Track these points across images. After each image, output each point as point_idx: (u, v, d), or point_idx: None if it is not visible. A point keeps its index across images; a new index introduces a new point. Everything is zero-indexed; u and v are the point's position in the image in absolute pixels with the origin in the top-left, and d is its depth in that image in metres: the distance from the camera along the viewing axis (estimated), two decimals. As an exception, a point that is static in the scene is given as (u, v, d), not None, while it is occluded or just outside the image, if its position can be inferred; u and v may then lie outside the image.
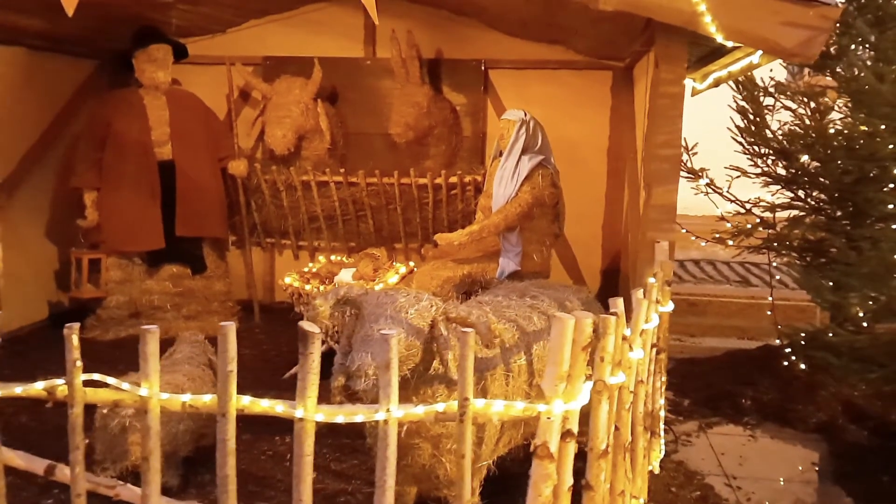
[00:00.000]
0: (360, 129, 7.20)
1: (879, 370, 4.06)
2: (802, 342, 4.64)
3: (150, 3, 6.09)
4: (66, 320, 6.61)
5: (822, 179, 5.01)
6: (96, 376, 2.38)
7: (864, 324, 4.13)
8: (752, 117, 5.55)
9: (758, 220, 5.72)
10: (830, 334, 4.41)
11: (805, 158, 4.96)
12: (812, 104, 5.31)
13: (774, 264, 5.77)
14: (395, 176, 6.72)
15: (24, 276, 6.50)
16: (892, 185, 4.18)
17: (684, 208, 7.42)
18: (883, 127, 4.08)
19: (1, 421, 4.59)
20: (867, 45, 5.24)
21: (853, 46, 5.34)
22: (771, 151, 5.45)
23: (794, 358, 4.89)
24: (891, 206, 4.14)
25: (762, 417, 5.25)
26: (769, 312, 5.59)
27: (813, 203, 5.28)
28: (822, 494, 4.24)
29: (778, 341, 5.26)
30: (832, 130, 4.72)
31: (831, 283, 4.31)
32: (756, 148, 5.64)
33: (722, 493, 4.13)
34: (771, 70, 5.92)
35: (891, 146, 4.07)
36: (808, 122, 5.14)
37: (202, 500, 3.83)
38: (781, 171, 5.40)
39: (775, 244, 5.49)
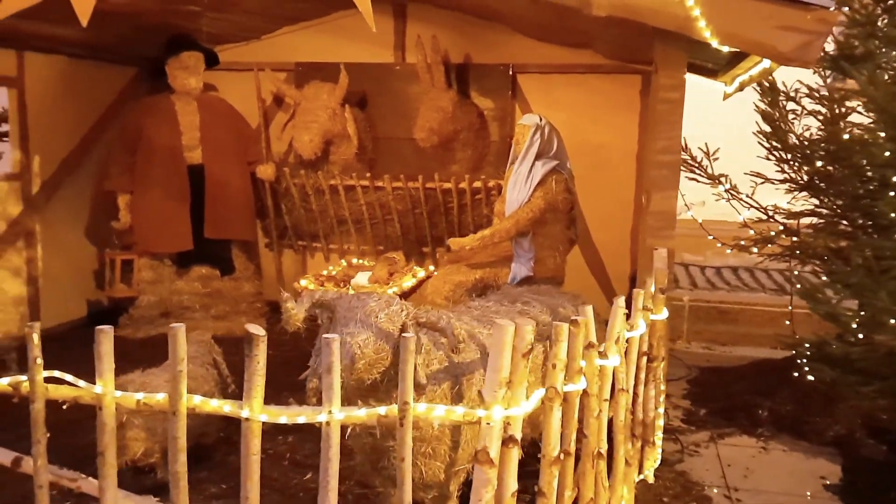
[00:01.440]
0: (389, 133, 7.28)
1: (877, 383, 3.92)
2: (808, 353, 4.51)
3: (181, 12, 6.27)
4: (104, 319, 6.88)
5: (841, 187, 4.87)
6: (56, 373, 2.49)
7: (860, 335, 4.00)
8: (774, 122, 5.42)
9: (781, 228, 5.58)
10: (834, 346, 4.28)
11: (820, 164, 4.83)
12: (836, 108, 5.16)
13: (796, 272, 5.62)
14: (419, 180, 6.78)
15: (63, 275, 6.80)
16: (891, 193, 4.04)
17: (722, 214, 7.33)
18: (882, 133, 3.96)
19: (21, 415, 4.81)
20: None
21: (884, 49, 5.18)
22: (793, 157, 5.33)
23: (806, 369, 4.76)
24: (893, 215, 4.00)
25: (777, 429, 5.12)
26: (787, 322, 5.46)
27: (836, 210, 5.14)
28: (824, 509, 4.14)
29: (794, 351, 5.13)
30: (846, 136, 4.58)
31: (829, 292, 4.19)
32: (780, 153, 5.52)
33: (719, 506, 4.07)
34: (814, 73, 5.80)
35: (887, 153, 3.94)
36: (830, 126, 5.00)
37: (198, 496, 3.95)
38: (804, 177, 5.26)
39: (797, 252, 5.35)
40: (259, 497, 2.50)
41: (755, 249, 5.75)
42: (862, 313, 4.04)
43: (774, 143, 5.56)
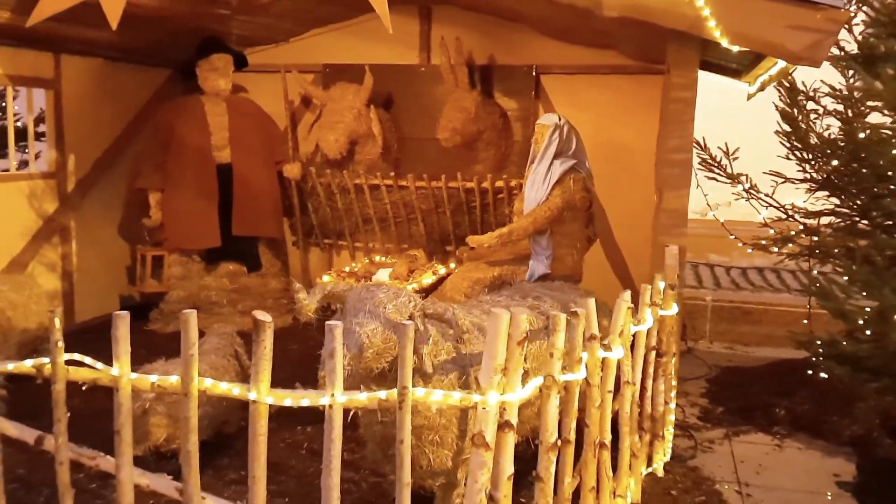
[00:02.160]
0: (414, 133, 7.38)
1: (885, 380, 3.93)
2: (820, 351, 4.53)
3: (212, 16, 6.45)
4: (136, 313, 7.08)
5: (860, 186, 4.88)
6: (77, 356, 2.63)
7: (868, 332, 4.01)
8: (794, 121, 5.43)
9: (801, 227, 5.59)
10: (844, 343, 4.30)
11: (836, 163, 4.85)
12: (855, 107, 5.15)
13: (815, 271, 5.62)
14: (442, 180, 6.88)
15: (97, 270, 7.02)
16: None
17: (747, 214, 7.32)
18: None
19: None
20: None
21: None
22: (812, 156, 5.34)
23: (822, 367, 4.77)
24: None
25: (794, 428, 5.13)
26: (805, 321, 5.47)
27: (855, 209, 5.14)
28: (834, 506, 4.15)
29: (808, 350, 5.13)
30: (862, 135, 4.58)
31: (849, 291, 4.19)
32: (800, 153, 5.52)
33: (729, 500, 4.09)
34: (839, 72, 5.79)
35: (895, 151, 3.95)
36: (847, 125, 5.00)
37: (218, 482, 4.10)
38: (823, 176, 5.27)
39: (817, 251, 5.35)
40: (266, 475, 2.60)
41: (776, 249, 5.75)
42: (868, 310, 4.06)
43: (794, 143, 5.56)
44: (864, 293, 4.04)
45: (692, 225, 9.16)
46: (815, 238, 5.52)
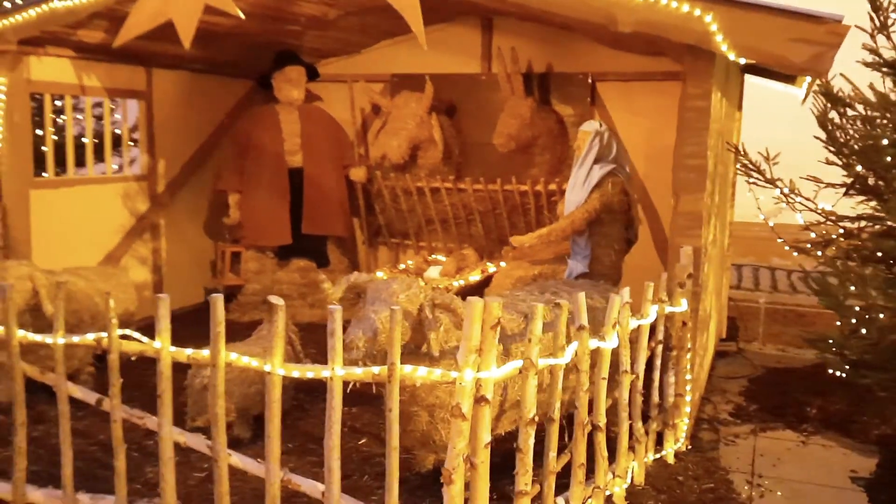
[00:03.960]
0: (476, 139, 7.75)
1: (880, 374, 4.06)
2: (834, 349, 4.65)
3: (285, 31, 7.00)
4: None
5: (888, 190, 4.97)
6: (128, 332, 3.14)
7: (864, 330, 4.14)
8: (829, 126, 5.53)
9: (841, 231, 5.67)
10: (849, 341, 4.42)
11: (859, 168, 4.95)
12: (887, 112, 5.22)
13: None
14: (498, 183, 7.23)
15: (184, 264, 7.71)
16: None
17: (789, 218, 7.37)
18: None
19: (136, 378, 5.59)
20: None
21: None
22: (847, 160, 5.42)
23: (830, 364, 4.90)
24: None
25: (824, 426, 5.27)
26: (838, 323, 5.55)
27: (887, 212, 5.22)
28: (842, 498, 4.29)
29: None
30: (885, 141, 4.68)
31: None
32: (838, 157, 5.61)
33: (737, 489, 4.30)
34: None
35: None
36: (875, 129, 5.09)
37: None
38: (853, 180, 5.36)
39: (855, 254, 5.44)
40: (280, 436, 3.04)
41: (819, 253, 5.84)
42: (857, 309, 4.20)
43: (831, 148, 5.65)
44: (855, 291, 4.20)
45: (755, 229, 9.24)
46: (859, 242, 5.60)
